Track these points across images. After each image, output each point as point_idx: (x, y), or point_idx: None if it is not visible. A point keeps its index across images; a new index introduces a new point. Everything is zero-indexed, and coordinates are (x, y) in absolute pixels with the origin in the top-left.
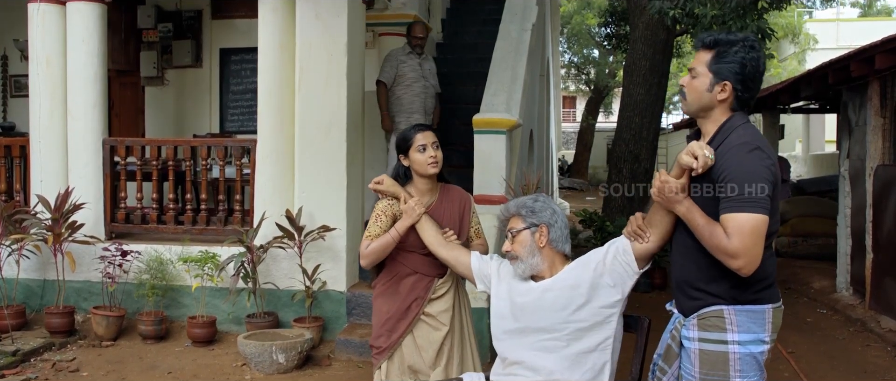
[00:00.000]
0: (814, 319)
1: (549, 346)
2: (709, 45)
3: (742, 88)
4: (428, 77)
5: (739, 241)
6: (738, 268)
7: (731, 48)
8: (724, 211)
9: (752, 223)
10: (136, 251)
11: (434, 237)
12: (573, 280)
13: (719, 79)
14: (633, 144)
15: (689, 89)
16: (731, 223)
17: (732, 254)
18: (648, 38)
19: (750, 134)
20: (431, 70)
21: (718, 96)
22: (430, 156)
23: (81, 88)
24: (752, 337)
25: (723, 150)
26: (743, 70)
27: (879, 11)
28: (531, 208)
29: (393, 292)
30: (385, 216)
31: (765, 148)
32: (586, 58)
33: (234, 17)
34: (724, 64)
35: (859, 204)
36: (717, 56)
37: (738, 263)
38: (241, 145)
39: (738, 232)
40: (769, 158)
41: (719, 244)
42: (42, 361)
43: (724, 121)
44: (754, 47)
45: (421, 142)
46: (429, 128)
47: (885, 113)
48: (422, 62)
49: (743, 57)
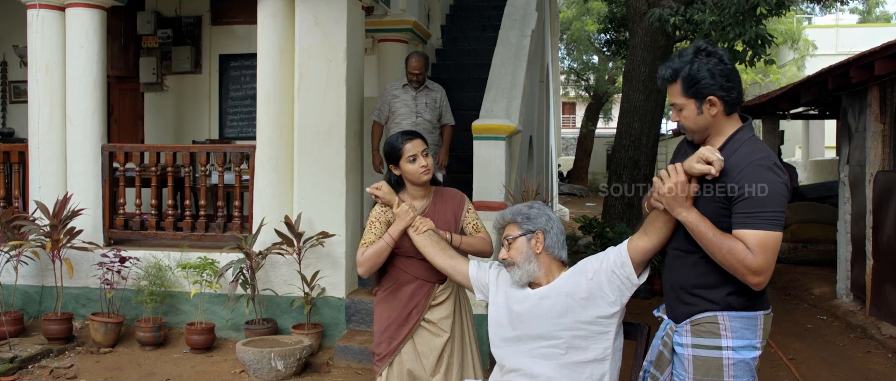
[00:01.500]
0: (814, 325)
1: (546, 353)
2: (671, 78)
3: (725, 93)
4: (423, 112)
5: (763, 258)
6: (757, 284)
7: (691, 68)
8: (746, 227)
9: (773, 241)
10: (134, 258)
11: (430, 246)
12: (570, 288)
13: (701, 99)
14: (633, 150)
15: (683, 122)
16: (755, 240)
17: (755, 271)
18: (648, 44)
19: (762, 150)
20: (432, 103)
21: (711, 113)
22: (422, 165)
23: (80, 94)
24: (746, 343)
25: (737, 163)
26: (714, 78)
27: (878, 17)
28: (527, 214)
29: (393, 299)
30: (379, 223)
31: (778, 165)
32: (586, 64)
33: (234, 24)
34: (696, 85)
35: (859, 210)
36: (685, 81)
37: (758, 279)
38: (240, 151)
39: (762, 250)
40: (784, 175)
41: (742, 260)
42: (40, 368)
43: (731, 133)
44: (710, 52)
45: (411, 153)
46: (416, 135)
47: (884, 119)
48: (418, 96)
49: (707, 68)
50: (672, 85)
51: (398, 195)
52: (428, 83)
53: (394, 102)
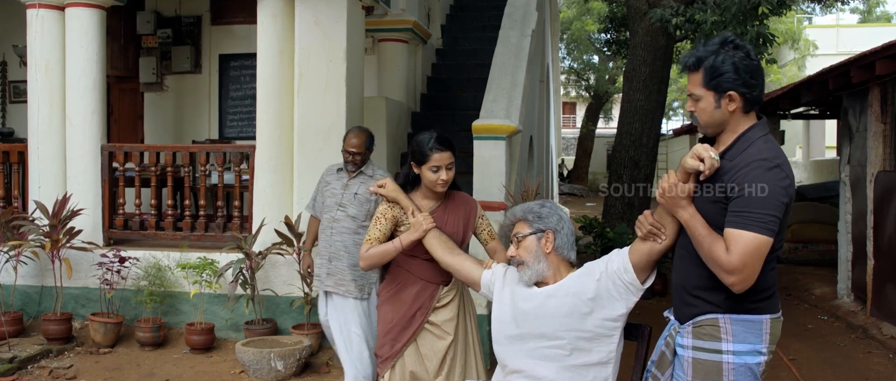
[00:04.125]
0: (815, 325)
1: (549, 354)
2: (693, 66)
3: (747, 90)
4: (347, 204)
5: (738, 259)
6: (732, 284)
7: (716, 59)
8: (730, 225)
9: (755, 244)
10: (134, 258)
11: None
12: (577, 288)
13: (721, 92)
14: (634, 150)
15: (698, 113)
16: (734, 239)
17: (729, 270)
18: (648, 44)
19: (771, 149)
20: (362, 196)
21: (728, 108)
22: (441, 179)
23: (80, 93)
24: (748, 348)
25: (740, 161)
26: (738, 73)
27: (879, 17)
28: (538, 213)
29: (397, 300)
30: (385, 219)
31: (784, 166)
32: (586, 64)
33: (234, 23)
34: (718, 77)
35: (860, 210)
36: (708, 72)
37: (732, 278)
38: (239, 151)
39: (738, 250)
40: (787, 178)
41: (718, 258)
42: (39, 368)
43: (742, 131)
44: (737, 45)
45: (436, 164)
46: (448, 148)
47: (885, 119)
48: (349, 184)
49: (732, 61)
50: (693, 74)
51: (409, 194)
52: (370, 169)
53: (325, 190)
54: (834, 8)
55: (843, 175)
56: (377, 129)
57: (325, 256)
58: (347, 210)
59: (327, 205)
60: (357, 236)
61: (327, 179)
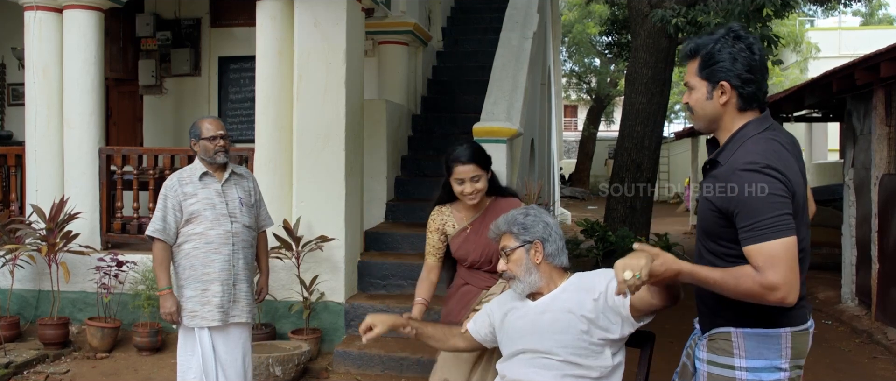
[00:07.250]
0: (819, 330)
1: (548, 363)
2: (691, 54)
3: (741, 84)
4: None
5: (774, 272)
6: (781, 300)
7: (714, 47)
8: (748, 242)
9: (782, 249)
10: (131, 262)
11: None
12: (573, 305)
13: (714, 82)
14: (636, 153)
15: (692, 104)
16: (761, 254)
17: (771, 287)
18: (650, 46)
19: (758, 149)
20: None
21: (720, 101)
22: (466, 191)
23: (78, 96)
24: (765, 364)
25: (727, 169)
26: (734, 64)
27: (881, 20)
28: (523, 223)
29: (452, 298)
30: (430, 233)
31: (773, 163)
32: (587, 67)
33: (233, 26)
34: (713, 65)
35: (864, 214)
36: (704, 60)
37: (778, 295)
38: (238, 154)
39: (770, 263)
40: (777, 175)
41: (752, 285)
42: (35, 373)
43: (736, 129)
44: (739, 36)
45: (458, 176)
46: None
47: (890, 122)
48: (225, 188)
49: (730, 50)
50: (690, 62)
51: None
52: (238, 168)
53: (187, 204)
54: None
55: (847, 178)
56: (377, 131)
57: (223, 280)
58: (242, 220)
59: (203, 218)
60: (253, 249)
61: (184, 190)
